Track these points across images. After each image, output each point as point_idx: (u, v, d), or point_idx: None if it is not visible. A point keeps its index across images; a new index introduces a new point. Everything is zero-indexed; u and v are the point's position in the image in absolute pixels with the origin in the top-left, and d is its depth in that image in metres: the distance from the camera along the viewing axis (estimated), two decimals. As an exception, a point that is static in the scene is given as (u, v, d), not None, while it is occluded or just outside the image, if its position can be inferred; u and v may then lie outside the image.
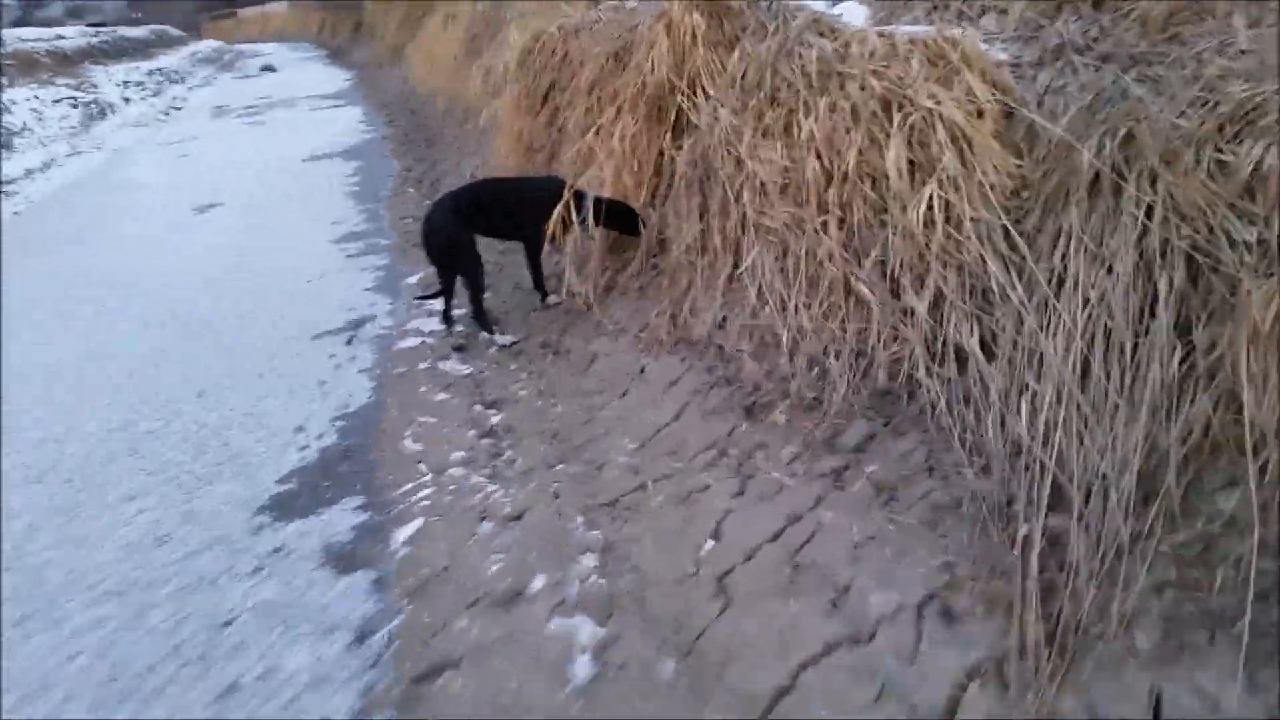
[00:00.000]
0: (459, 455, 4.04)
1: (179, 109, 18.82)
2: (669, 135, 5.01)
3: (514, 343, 5.05)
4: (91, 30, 27.90)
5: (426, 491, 3.79)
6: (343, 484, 3.96)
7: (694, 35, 4.82)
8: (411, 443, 4.23)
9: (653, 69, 4.87)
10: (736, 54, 4.69)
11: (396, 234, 7.84)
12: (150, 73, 23.87)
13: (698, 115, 4.68)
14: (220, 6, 50.67)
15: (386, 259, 7.21)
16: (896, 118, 3.52)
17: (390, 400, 4.73)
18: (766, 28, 4.76)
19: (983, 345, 3.00)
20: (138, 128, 16.44)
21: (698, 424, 3.64)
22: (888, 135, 3.60)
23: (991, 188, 3.18)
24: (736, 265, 4.19)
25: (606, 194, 5.04)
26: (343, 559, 3.41)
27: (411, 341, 5.45)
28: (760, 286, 3.91)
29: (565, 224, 4.83)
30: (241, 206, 9.37)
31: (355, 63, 22.99)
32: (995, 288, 3.02)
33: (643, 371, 4.17)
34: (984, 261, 3.09)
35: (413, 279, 6.56)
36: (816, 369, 3.48)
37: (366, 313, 6.07)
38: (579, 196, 4.87)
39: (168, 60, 27.34)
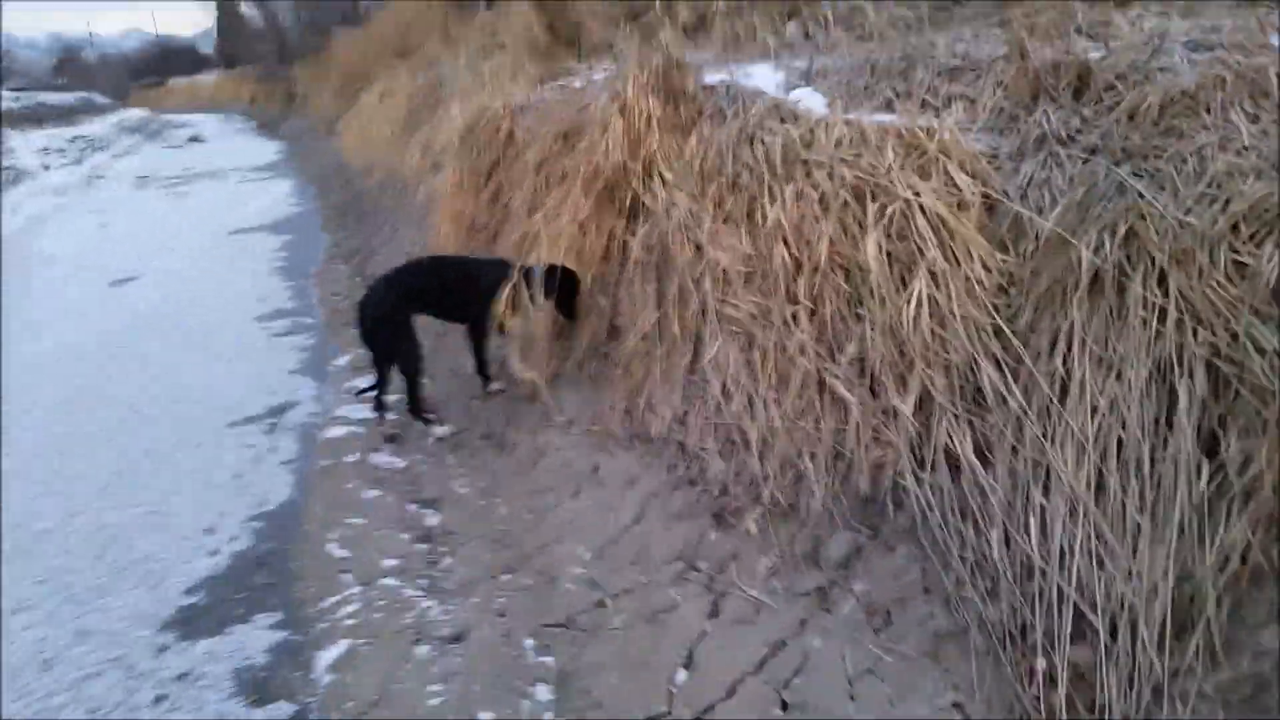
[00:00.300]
0: (391, 563, 3.63)
1: (101, 178, 18.12)
2: (622, 219, 4.75)
3: (453, 433, 4.67)
4: (12, 94, 27.03)
5: (353, 607, 3.37)
6: (258, 596, 3.52)
7: (649, 120, 4.61)
8: (337, 548, 3.81)
9: (606, 152, 4.63)
10: (694, 139, 4.49)
11: (324, 311, 7.42)
12: (73, 139, 23.13)
13: (653, 200, 4.44)
14: (150, 75, 49.91)
15: (313, 338, 6.79)
16: (872, 208, 3.32)
17: (313, 498, 4.30)
18: (725, 113, 4.58)
19: (978, 452, 2.74)
20: (56, 196, 15.73)
21: (661, 530, 3.31)
22: (861, 226, 3.38)
23: (979, 284, 2.96)
24: (697, 356, 3.91)
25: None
26: (257, 687, 2.97)
27: (339, 431, 5.03)
28: (725, 380, 3.63)
29: (514, 306, 4.51)
30: (161, 280, 8.85)
31: (287, 134, 22.57)
32: (989, 390, 2.77)
33: (596, 470, 3.83)
34: (975, 361, 2.85)
35: (341, 361, 6.14)
36: (791, 472, 3.18)
37: (290, 397, 5.63)
38: (528, 273, 4.55)
39: (91, 128, 26.59)
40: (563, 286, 4.66)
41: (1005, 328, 2.84)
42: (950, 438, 2.79)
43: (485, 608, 3.21)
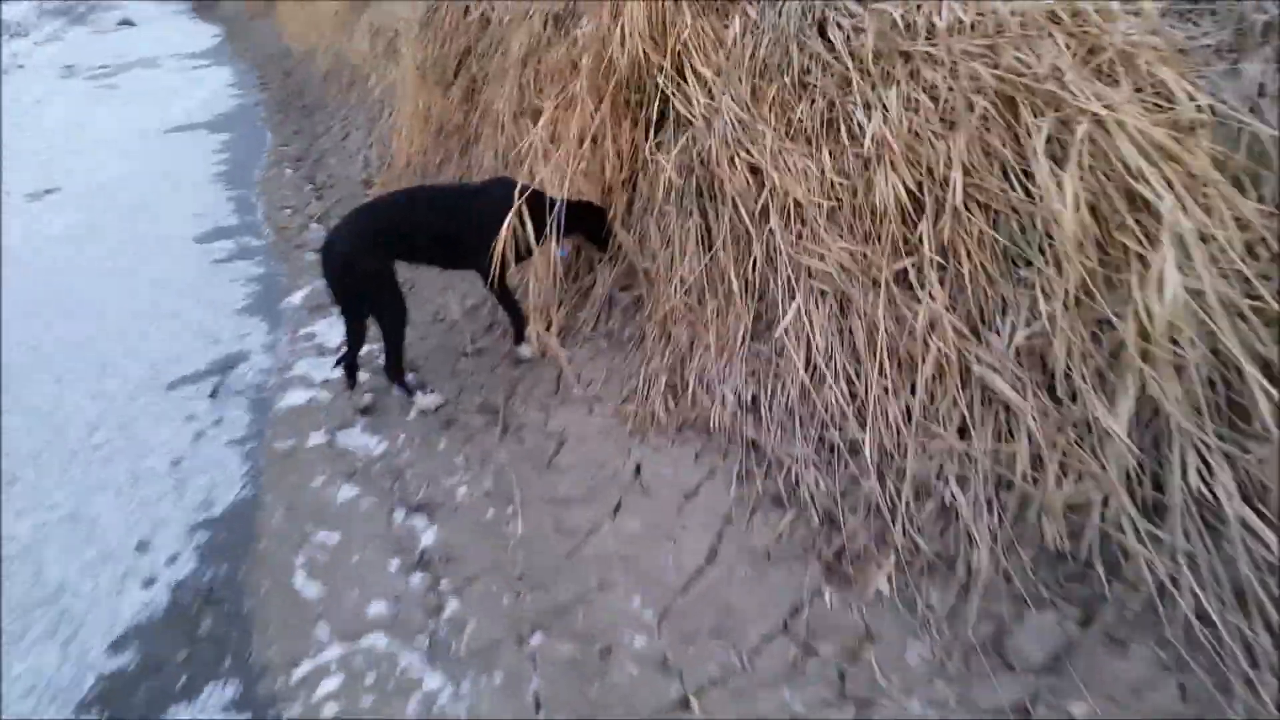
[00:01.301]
0: (379, 609, 2.68)
1: (20, 67, 16.08)
2: (644, 130, 3.63)
3: (441, 405, 3.63)
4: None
5: (334, 684, 2.44)
6: (206, 657, 2.58)
7: (675, -4, 3.44)
8: (305, 579, 2.85)
9: (621, 41, 3.46)
10: (737, 22, 3.34)
11: (273, 230, 6.20)
12: (-12, 25, 20.71)
13: (687, 105, 3.32)
14: (73, -47, 45.52)
15: (261, 265, 5.62)
16: (1045, 125, 2.26)
17: (272, 498, 3.31)
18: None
19: (1246, 498, 1.79)
20: (-33, 89, 13.89)
21: (748, 579, 2.36)
22: (1018, 149, 2.34)
23: (1227, 246, 1.95)
24: (762, 319, 2.90)
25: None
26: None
27: (299, 396, 3.98)
28: (812, 355, 2.64)
29: (519, 247, 3.41)
30: (85, 192, 7.52)
31: (224, 16, 20.34)
32: (1261, 407, 1.81)
33: (639, 472, 2.85)
34: (1231, 363, 1.87)
35: (295, 297, 5.02)
36: (931, 503, 2.22)
37: (237, 347, 4.54)
38: (537, 201, 3.44)
39: (9, 11, 23.88)
40: (586, 221, 3.57)
41: (1282, 313, 1.86)
42: (1204, 479, 1.84)
43: (513, 692, 2.27)
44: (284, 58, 12.25)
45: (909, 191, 2.53)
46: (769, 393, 2.73)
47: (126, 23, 22.01)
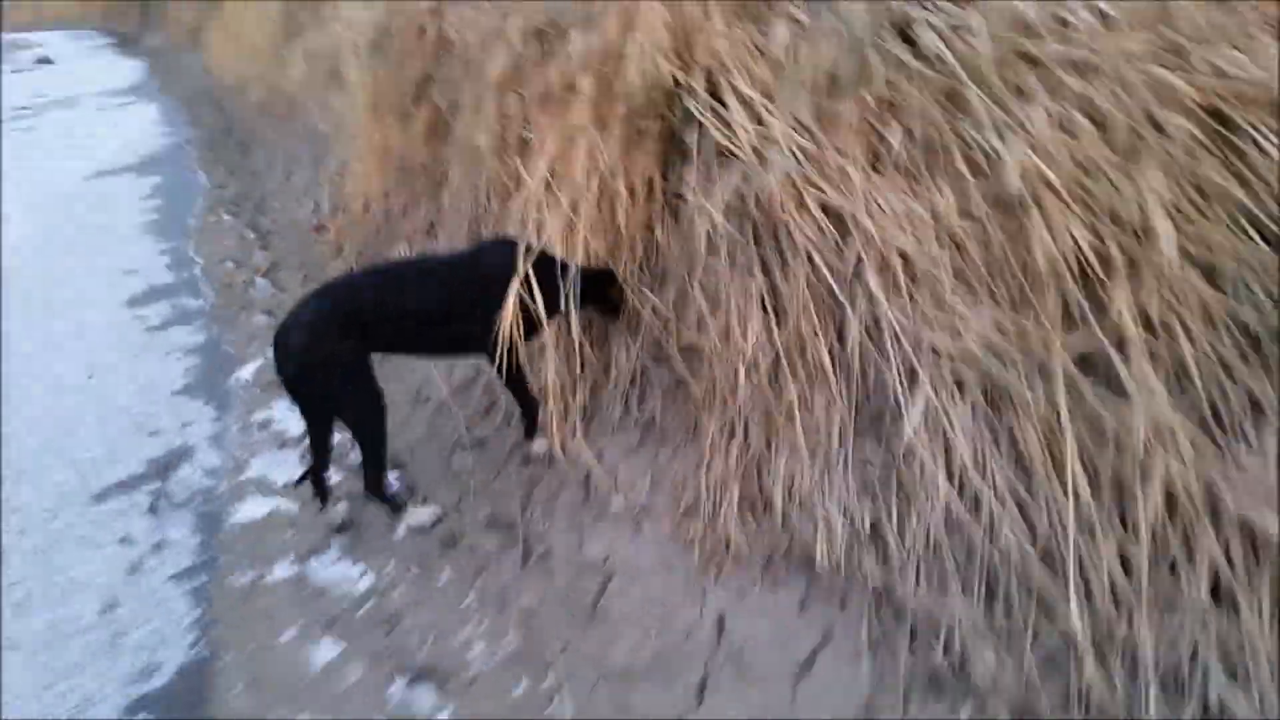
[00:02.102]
0: None
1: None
2: (665, 165, 2.90)
3: (439, 519, 2.85)
4: None
5: None
6: None
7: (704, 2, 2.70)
8: (283, 802, 2.04)
9: (638, 57, 2.72)
10: (782, 28, 2.61)
11: (214, 288, 5.33)
12: (-106, 68, 19.18)
13: (728, 132, 2.59)
14: (-11, -8, 43.24)
15: (203, 332, 4.75)
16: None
17: (231, 660, 2.51)
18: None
19: None
20: None
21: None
22: (1238, 179, 1.65)
23: None
24: (864, 411, 2.18)
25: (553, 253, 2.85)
26: None
27: (257, 507, 3.17)
28: (955, 466, 1.92)
29: (530, 320, 2.65)
30: (7, 247, 6.52)
31: (147, 50, 19.06)
32: None
33: (722, 628, 2.10)
34: None
35: (244, 372, 4.19)
36: (1188, 705, 1.51)
37: (178, 440, 3.71)
38: (547, 266, 2.68)
39: (-81, 53, 22.31)
40: (597, 288, 2.82)
41: None
42: None
43: None
44: (214, 91, 11.26)
45: (1078, 242, 1.82)
46: (895, 517, 2.00)
47: (45, 61, 20.59)
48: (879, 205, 2.20)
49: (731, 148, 2.57)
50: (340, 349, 2.56)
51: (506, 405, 3.13)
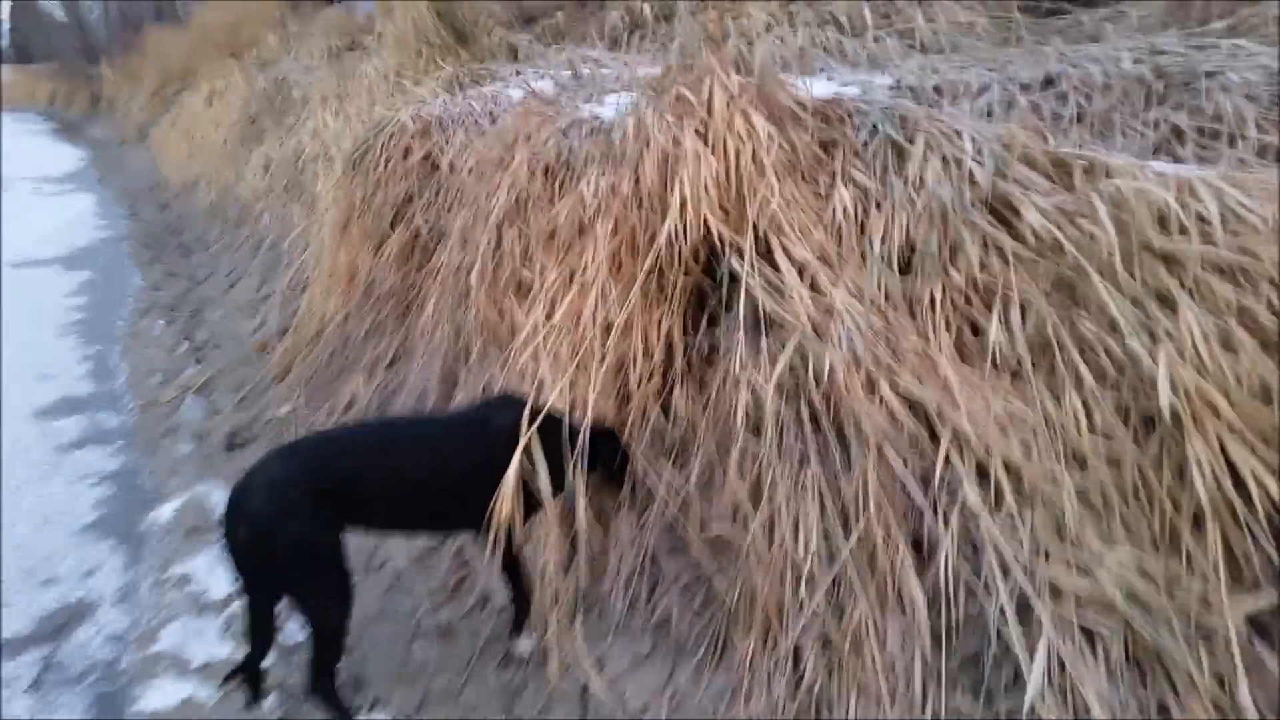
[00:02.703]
0: None
1: None
2: (688, 325, 2.56)
3: (394, 731, 2.31)
4: None
5: None
6: None
7: (755, 157, 2.41)
8: None
9: (683, 210, 2.40)
10: (845, 194, 2.34)
11: (137, 404, 4.73)
12: None
13: (778, 299, 2.27)
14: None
15: (118, 457, 4.14)
16: None
17: None
18: (871, 152, 2.46)
19: None
20: None
21: None
22: None
23: None
24: (953, 642, 1.79)
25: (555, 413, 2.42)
26: None
27: (168, 692, 2.58)
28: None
29: (529, 499, 2.21)
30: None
31: (91, 140, 18.46)
32: None
33: None
34: None
35: (164, 510, 3.58)
36: None
37: (78, 592, 3.11)
38: (553, 430, 2.27)
39: None
40: (599, 448, 2.40)
41: None
42: None
43: None
44: (159, 189, 10.75)
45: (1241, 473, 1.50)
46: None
47: (-20, 140, 19.82)
48: (971, 404, 1.88)
49: (783, 315, 2.24)
50: (311, 525, 2.07)
51: (484, 585, 2.65)
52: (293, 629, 2.49)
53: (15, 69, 33.43)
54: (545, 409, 2.32)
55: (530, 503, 2.25)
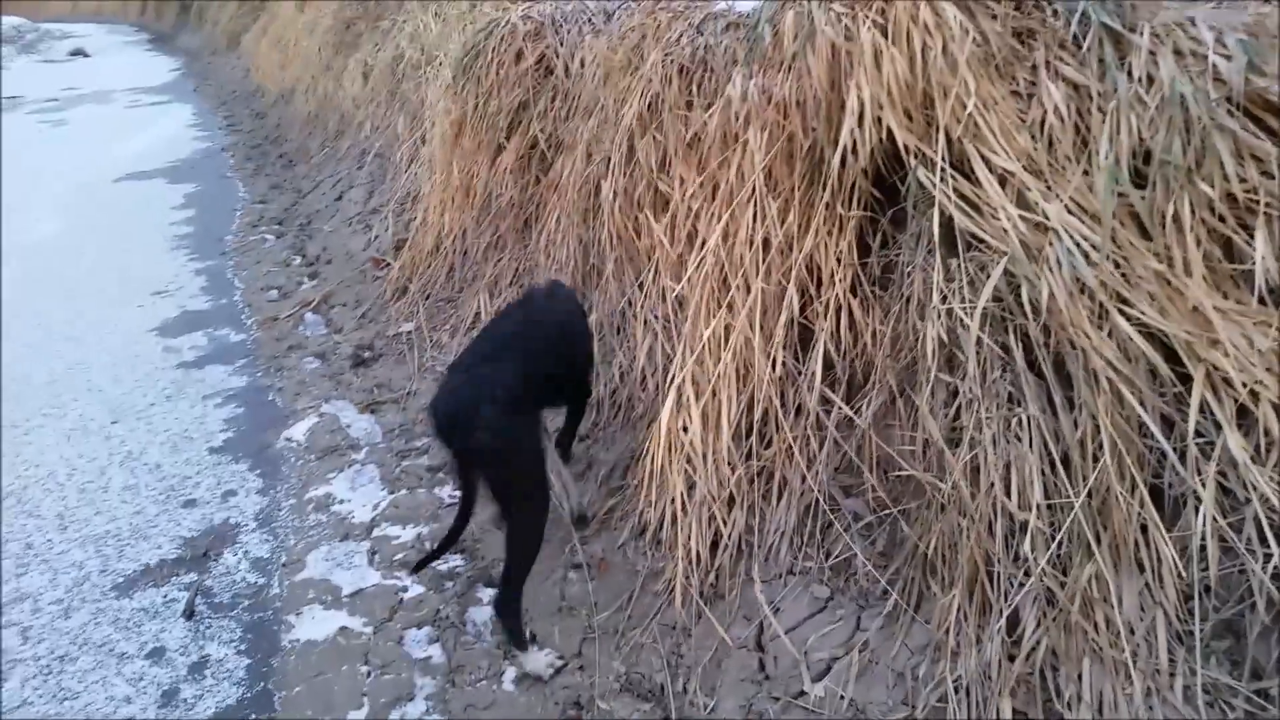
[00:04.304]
0: None
1: None
2: (860, 246, 2.29)
3: (556, 670, 2.21)
4: None
5: None
6: None
7: (944, 49, 2.08)
8: None
9: (860, 113, 2.10)
10: (1055, 92, 2.00)
11: (256, 319, 4.69)
12: (-74, 51, 18.58)
13: (976, 216, 1.97)
14: (27, -19, 42.43)
15: (245, 374, 4.11)
16: None
17: None
18: (1075, 44, 2.09)
19: None
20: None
21: None
22: None
23: None
24: (1201, 619, 1.55)
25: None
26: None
27: (319, 623, 2.53)
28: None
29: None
30: (21, 255, 5.87)
31: (184, 48, 18.42)
32: None
33: None
34: None
35: (297, 431, 3.54)
36: None
37: (219, 514, 3.08)
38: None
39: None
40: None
41: None
42: None
43: None
44: (254, 97, 10.65)
45: None
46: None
47: (79, 53, 20.04)
48: (1231, 335, 1.59)
49: (982, 233, 1.95)
50: (534, 427, 2.23)
51: (637, 512, 2.49)
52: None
53: (106, -19, 33.48)
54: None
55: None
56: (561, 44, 3.87)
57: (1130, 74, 1.90)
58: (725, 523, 2.27)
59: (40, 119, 11.54)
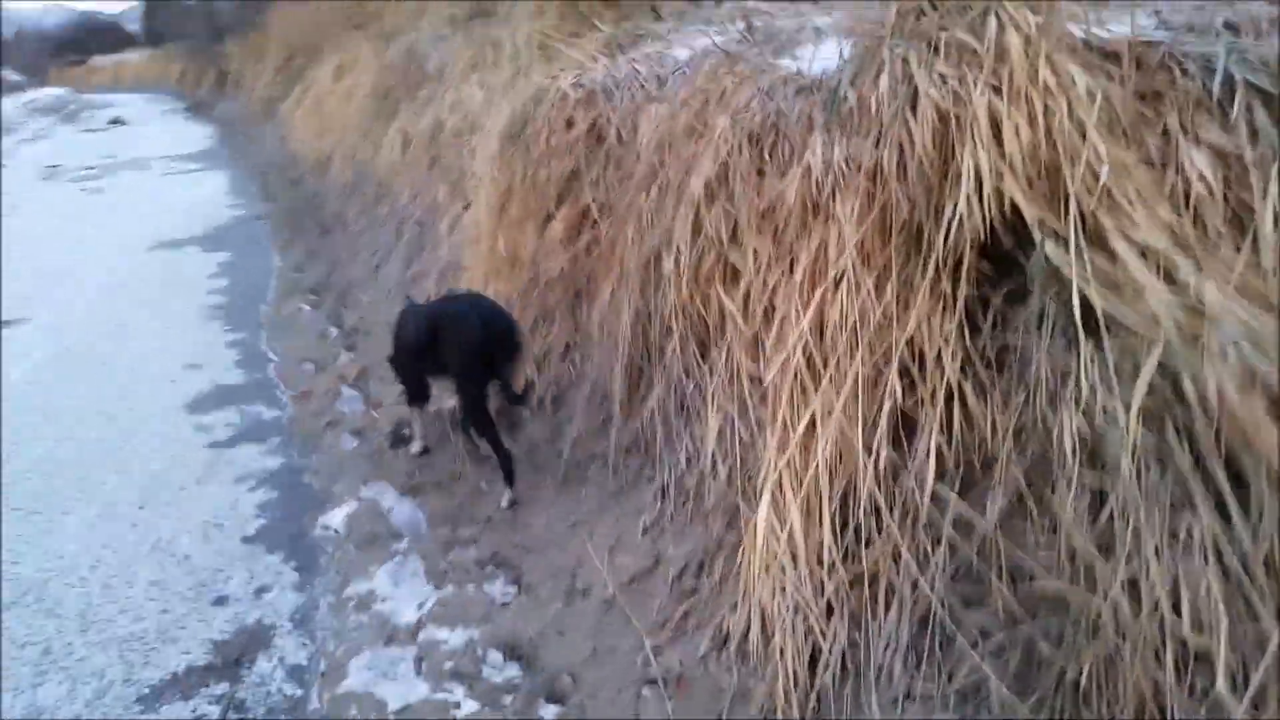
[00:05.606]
0: None
1: (1, 167, 14.32)
2: (963, 327, 2.06)
3: None
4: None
5: None
6: None
7: (1069, 110, 1.87)
8: None
9: (976, 181, 1.89)
10: (1199, 158, 1.78)
11: (291, 393, 4.50)
12: (-27, 122, 19.01)
13: (1115, 297, 1.74)
14: (71, 54, 43.71)
15: (279, 455, 3.89)
16: None
17: None
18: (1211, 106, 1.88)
19: None
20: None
21: None
22: None
23: None
24: None
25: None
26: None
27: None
28: None
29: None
30: (56, 324, 5.77)
31: (220, 117, 18.71)
32: None
33: None
34: None
35: (334, 518, 3.31)
36: None
37: (253, 614, 2.84)
38: None
39: (-2, 108, 22.27)
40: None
41: None
42: None
43: None
44: (291, 165, 10.66)
45: None
46: None
47: (118, 121, 20.47)
48: None
49: (1125, 314, 1.72)
50: None
51: (716, 620, 2.23)
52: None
53: (149, 52, 34.51)
54: None
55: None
56: (614, 110, 3.71)
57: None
58: (824, 635, 2.00)
59: (79, 186, 11.63)
